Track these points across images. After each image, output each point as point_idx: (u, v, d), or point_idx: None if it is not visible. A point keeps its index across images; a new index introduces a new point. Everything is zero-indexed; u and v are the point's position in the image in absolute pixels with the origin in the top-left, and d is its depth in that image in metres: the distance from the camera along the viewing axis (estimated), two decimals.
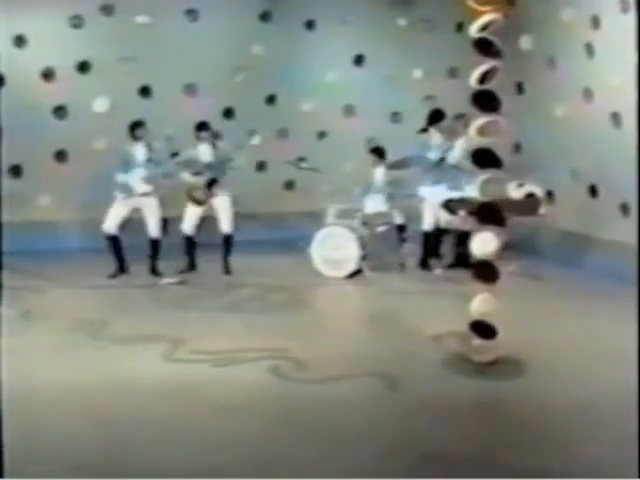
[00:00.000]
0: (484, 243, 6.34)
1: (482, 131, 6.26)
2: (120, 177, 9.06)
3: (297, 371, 6.29)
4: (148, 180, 9.05)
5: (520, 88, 11.27)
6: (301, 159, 11.53)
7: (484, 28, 6.17)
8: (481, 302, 6.34)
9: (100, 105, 10.91)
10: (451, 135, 9.64)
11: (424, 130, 9.87)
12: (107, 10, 10.91)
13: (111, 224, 9.19)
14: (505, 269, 9.25)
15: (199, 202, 9.29)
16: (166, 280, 9.05)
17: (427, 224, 9.67)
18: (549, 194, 10.59)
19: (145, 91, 11.17)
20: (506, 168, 11.36)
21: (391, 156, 9.89)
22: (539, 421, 5.41)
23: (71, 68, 10.85)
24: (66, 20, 10.79)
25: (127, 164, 9.06)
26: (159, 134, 9.98)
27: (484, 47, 6.17)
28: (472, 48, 6.22)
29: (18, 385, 5.47)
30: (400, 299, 8.56)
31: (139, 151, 9.09)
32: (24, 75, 10.50)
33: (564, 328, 7.42)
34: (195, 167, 9.24)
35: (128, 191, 9.04)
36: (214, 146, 9.34)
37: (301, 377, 6.18)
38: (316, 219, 9.83)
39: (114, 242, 9.23)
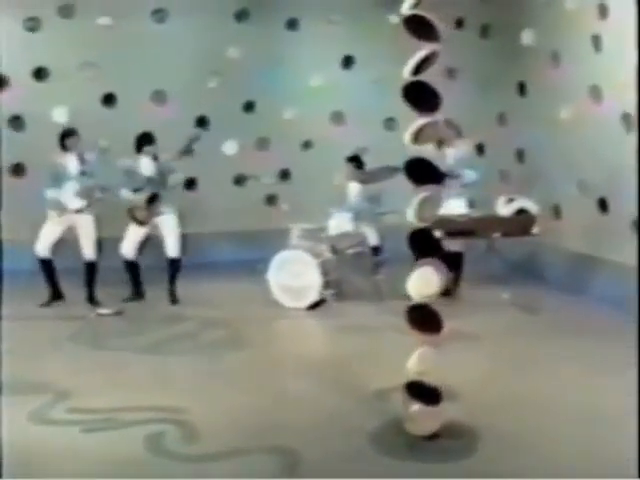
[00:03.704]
0: (424, 281, 4.59)
1: (418, 136, 4.55)
2: (50, 193, 7.63)
3: (181, 442, 4.71)
4: (82, 194, 7.60)
5: (522, 89, 9.49)
6: (284, 174, 10.10)
7: (417, 4, 4.48)
8: (419, 358, 4.64)
9: (59, 115, 9.51)
10: (440, 144, 7.88)
11: None
12: (66, 11, 9.54)
13: (43, 246, 7.77)
14: (499, 298, 7.72)
15: (140, 222, 7.78)
16: (101, 311, 7.56)
17: None
18: (555, 209, 8.80)
19: (109, 99, 9.77)
20: (510, 179, 9.77)
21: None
22: None
23: (27, 75, 9.51)
24: (20, 22, 9.44)
25: (58, 178, 7.64)
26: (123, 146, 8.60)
27: (417, 27, 4.46)
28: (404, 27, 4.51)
29: None
30: (361, 337, 6.86)
31: (71, 163, 7.66)
32: None
33: (548, 381, 5.66)
34: (135, 182, 7.75)
35: (60, 208, 7.61)
36: (156, 159, 7.82)
37: (181, 451, 4.59)
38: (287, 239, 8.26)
39: (47, 266, 7.81)
